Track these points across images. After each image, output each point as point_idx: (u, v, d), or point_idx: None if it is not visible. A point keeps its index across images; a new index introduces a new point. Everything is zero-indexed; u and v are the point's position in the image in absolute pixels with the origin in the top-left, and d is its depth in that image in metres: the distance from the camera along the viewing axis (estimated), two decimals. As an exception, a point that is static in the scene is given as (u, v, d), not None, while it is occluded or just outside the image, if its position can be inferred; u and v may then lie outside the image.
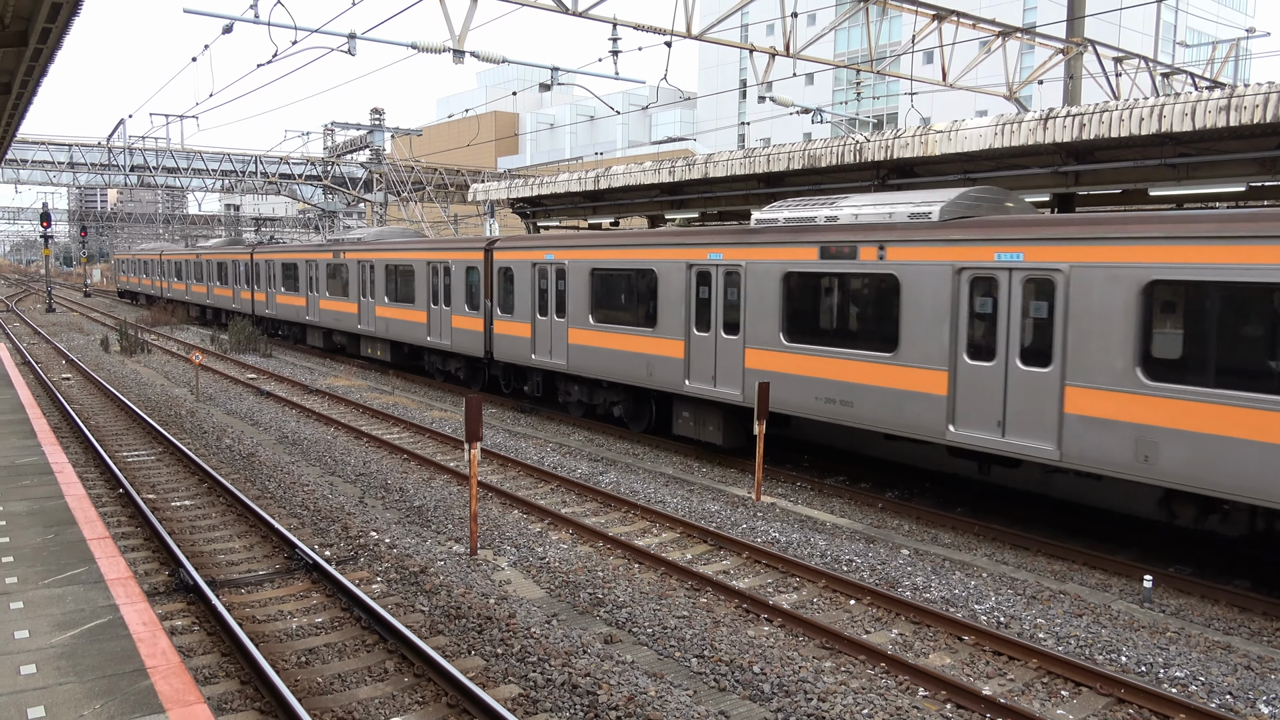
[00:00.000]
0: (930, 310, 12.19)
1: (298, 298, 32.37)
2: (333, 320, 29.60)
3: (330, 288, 29.58)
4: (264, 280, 35.81)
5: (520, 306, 20.09)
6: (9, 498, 9.54)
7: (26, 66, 13.81)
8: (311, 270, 30.91)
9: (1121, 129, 13.40)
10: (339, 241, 29.37)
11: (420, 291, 24.06)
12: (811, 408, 13.90)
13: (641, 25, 15.19)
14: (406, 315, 24.93)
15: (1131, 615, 9.54)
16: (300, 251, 32.24)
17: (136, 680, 5.50)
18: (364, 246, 27.24)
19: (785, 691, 7.76)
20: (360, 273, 27.42)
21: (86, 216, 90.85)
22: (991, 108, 52.73)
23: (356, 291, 27.67)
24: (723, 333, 15.51)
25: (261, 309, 36.66)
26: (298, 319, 32.77)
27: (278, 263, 34.18)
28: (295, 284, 32.51)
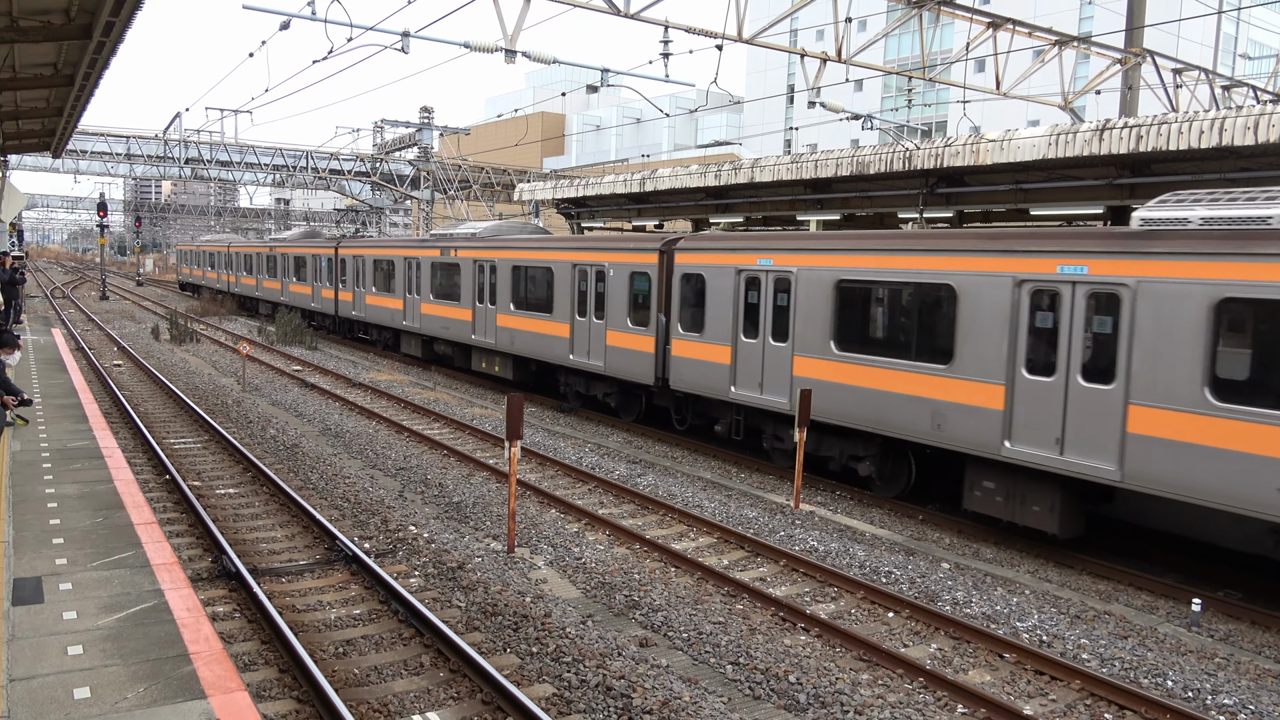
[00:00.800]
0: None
1: (392, 299, 28.87)
2: (438, 328, 25.89)
3: (436, 290, 25.88)
4: (351, 278, 32.18)
5: (715, 324, 15.96)
6: (61, 481, 9.75)
7: (90, 59, 14.13)
8: (411, 269, 27.35)
9: (1180, 142, 13.11)
10: (447, 237, 26.02)
11: (561, 299, 20.13)
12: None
13: (693, 28, 15.17)
14: (540, 327, 21.01)
15: (1179, 639, 9.32)
16: (396, 247, 28.75)
17: (179, 665, 5.58)
18: (482, 243, 23.69)
19: (821, 702, 7.68)
20: (477, 274, 23.74)
21: (141, 207, 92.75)
22: (1044, 118, 51.98)
23: (471, 296, 23.88)
24: (1081, 380, 10.99)
25: (346, 310, 33.04)
26: (392, 324, 29.10)
27: (368, 259, 30.74)
28: (390, 284, 28.99)
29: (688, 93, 79.03)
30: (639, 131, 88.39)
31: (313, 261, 36.21)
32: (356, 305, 32.06)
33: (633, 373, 18.02)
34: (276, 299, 41.27)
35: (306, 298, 37.21)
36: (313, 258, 36.23)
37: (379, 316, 30.26)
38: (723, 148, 67.97)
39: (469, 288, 24.00)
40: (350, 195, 53.55)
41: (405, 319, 28.13)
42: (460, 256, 24.40)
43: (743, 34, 15.56)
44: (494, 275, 22.90)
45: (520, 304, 21.78)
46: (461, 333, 24.56)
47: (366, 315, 31.25)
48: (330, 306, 34.64)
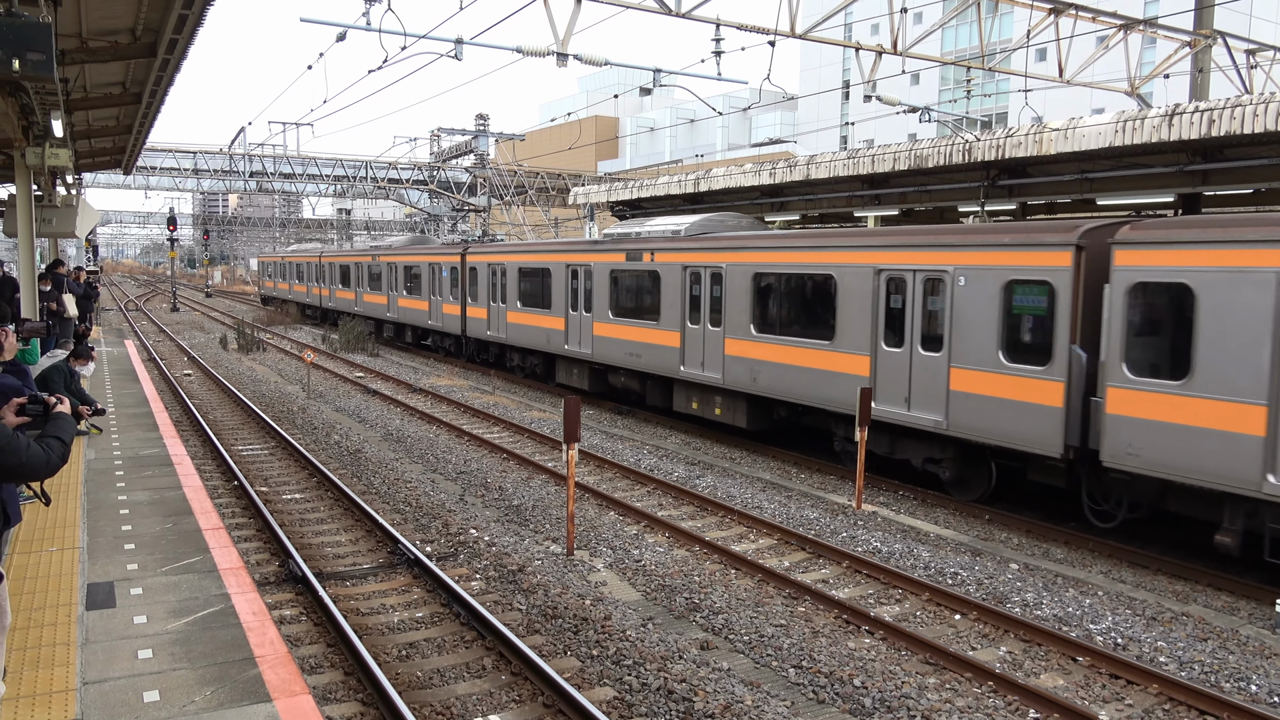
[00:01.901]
0: None
1: (547, 318, 23.30)
2: (620, 355, 20.24)
3: (618, 305, 20.51)
4: (485, 291, 26.82)
5: (1233, 370, 9.95)
6: (132, 487, 10.00)
7: (155, 76, 14.52)
8: (577, 279, 22.00)
9: (1255, 125, 12.61)
10: (633, 237, 20.40)
11: (854, 320, 14.48)
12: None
13: (745, 25, 15.05)
14: (804, 358, 15.40)
15: (1262, 641, 8.95)
16: (554, 251, 23.40)
17: (245, 669, 5.66)
18: (694, 244, 17.99)
19: (887, 707, 7.52)
20: (688, 284, 18.17)
21: (209, 220, 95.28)
22: (1109, 105, 50.60)
23: (678, 314, 18.24)
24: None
25: (478, 330, 27.50)
26: (547, 348, 23.49)
27: (510, 267, 25.14)
28: (544, 298, 23.48)
29: (741, 91, 78.67)
30: (692, 132, 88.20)
31: (430, 272, 30.93)
32: (494, 324, 26.30)
33: (1018, 432, 12.18)
34: (380, 316, 36.39)
35: (421, 314, 31.95)
36: (430, 267, 30.95)
37: (526, 339, 24.40)
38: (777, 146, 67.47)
39: (674, 303, 18.44)
40: (409, 204, 54.32)
41: (568, 342, 22.34)
42: (660, 262, 18.82)
43: (795, 29, 15.38)
44: (719, 286, 17.31)
45: (767, 325, 16.37)
46: (662, 362, 18.86)
47: (508, 337, 25.42)
48: (455, 325, 29.12)
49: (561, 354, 22.99)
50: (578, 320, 22.12)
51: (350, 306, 40.42)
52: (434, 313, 31.04)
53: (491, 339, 26.80)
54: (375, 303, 37.06)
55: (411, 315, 33.21)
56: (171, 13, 11.04)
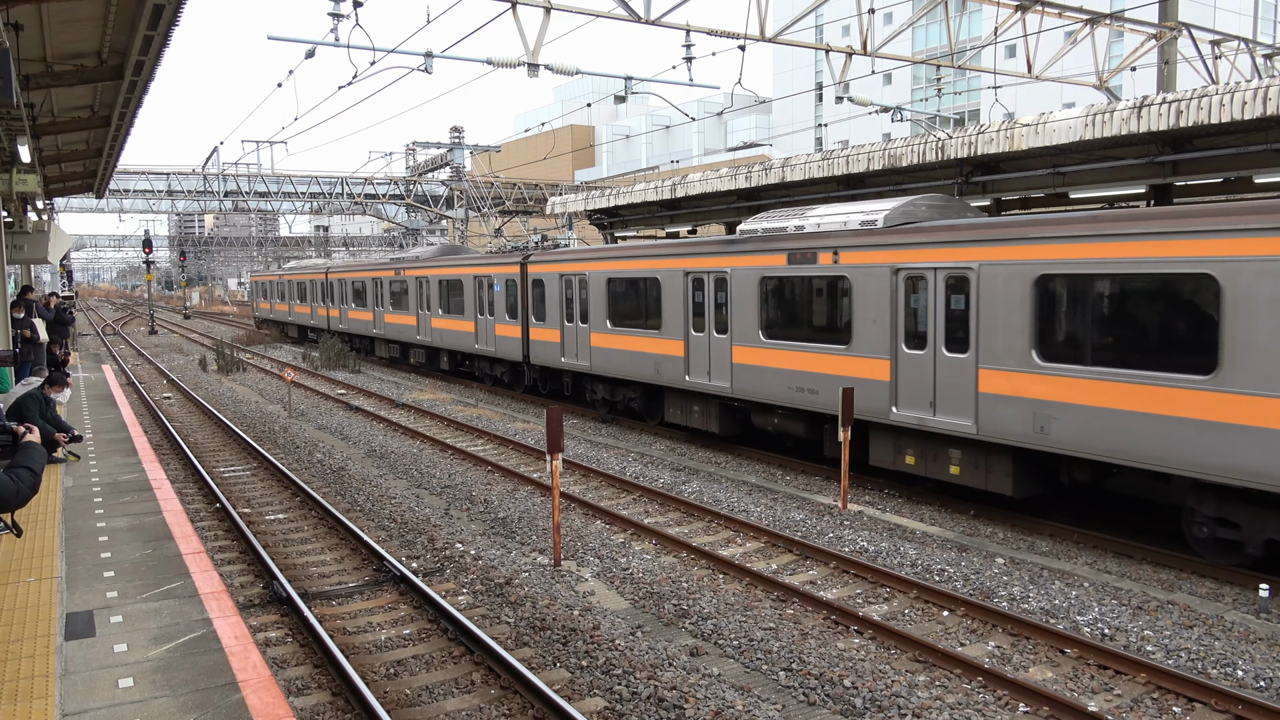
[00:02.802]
0: None
1: (657, 341, 18.30)
2: (789, 390, 15.30)
3: (776, 324, 15.62)
4: (555, 308, 21.86)
5: None
6: (111, 514, 9.90)
7: (124, 98, 14.42)
8: (700, 289, 17.21)
9: (1222, 114, 12.75)
10: (795, 233, 15.29)
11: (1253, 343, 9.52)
12: None
13: (715, 30, 15.10)
14: (1150, 400, 10.40)
15: (1247, 626, 9.00)
16: (664, 256, 18.20)
17: (228, 694, 5.60)
18: (915, 237, 13.15)
19: (878, 706, 7.51)
20: (905, 296, 13.33)
21: (185, 242, 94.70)
22: (1079, 99, 51.09)
23: (888, 336, 13.54)
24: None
25: (547, 355, 22.33)
26: (659, 378, 18.42)
27: (593, 278, 20.31)
28: (646, 315, 18.73)
29: (715, 96, 78.93)
30: (668, 138, 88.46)
31: (475, 287, 25.87)
32: (571, 348, 21.32)
33: None
34: (408, 339, 31.23)
35: (463, 337, 26.92)
36: (475, 281, 25.90)
37: (622, 367, 19.54)
38: (753, 149, 67.75)
39: (875, 319, 13.67)
40: (387, 218, 54.18)
41: (690, 372, 17.39)
42: (852, 264, 13.96)
43: (765, 33, 15.45)
44: (966, 295, 12.42)
45: (1070, 353, 11.27)
46: (867, 400, 13.79)
47: (593, 364, 20.49)
48: (512, 349, 24.04)
49: (678, 386, 17.93)
50: (704, 344, 17.03)
51: (366, 329, 35.28)
52: (483, 335, 25.55)
53: (569, 367, 21.42)
54: (400, 324, 31.67)
55: (451, 338, 27.67)
56: (137, 34, 10.96)
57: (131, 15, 10.66)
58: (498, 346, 24.91)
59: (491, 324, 25.14)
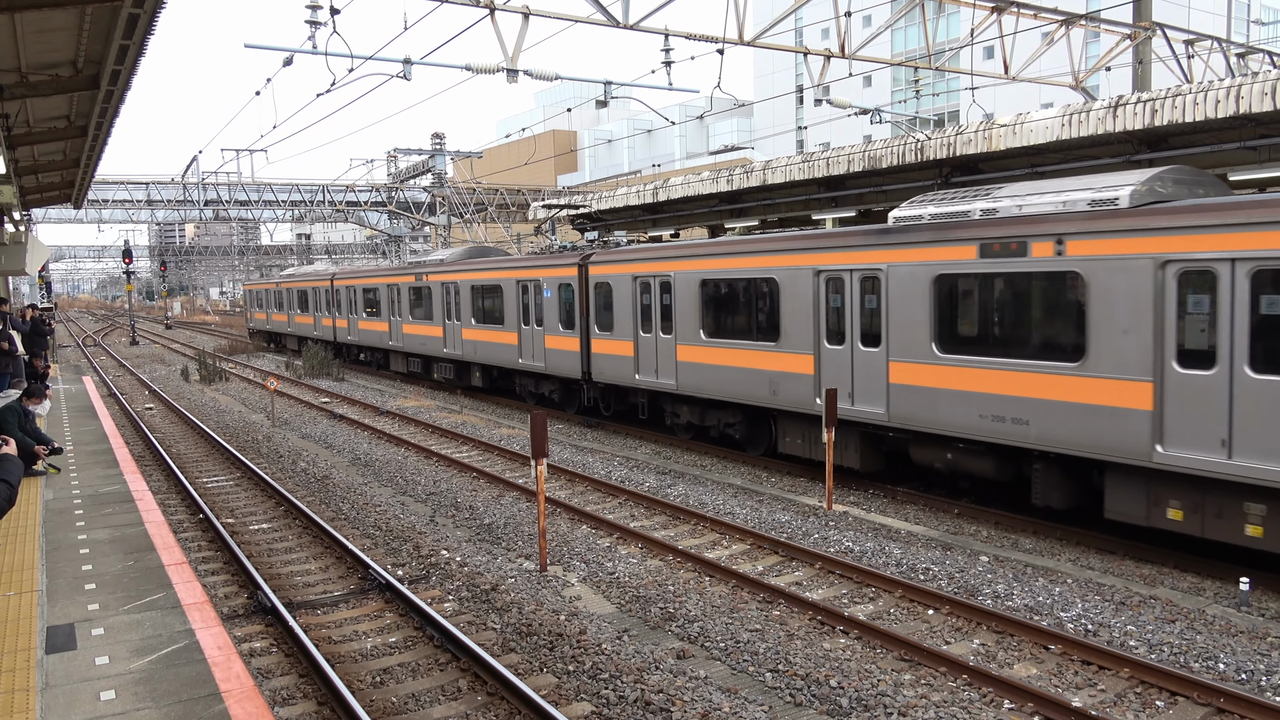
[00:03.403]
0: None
1: (776, 356, 15.20)
2: (923, 409, 12.87)
3: (907, 326, 12.99)
4: (630, 316, 18.63)
5: None
6: (92, 526, 9.82)
7: (100, 108, 14.33)
8: (838, 291, 14.08)
9: (1196, 113, 12.90)
10: (1003, 217, 11.91)
11: None
12: None
13: (694, 34, 15.14)
14: None
15: (1228, 620, 9.08)
16: (788, 251, 14.88)
17: (211, 705, 5.56)
18: (1203, 217, 9.84)
19: (864, 706, 7.54)
20: (1176, 301, 10.17)
21: (166, 251, 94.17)
22: (1057, 99, 51.48)
23: (1131, 348, 10.52)
24: None
25: (617, 372, 19.25)
26: (769, 399, 15.45)
27: (683, 280, 17.05)
28: (757, 325, 15.61)
29: (696, 100, 79.12)
30: (650, 142, 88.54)
31: (516, 293, 22.64)
32: (649, 363, 18.19)
33: None
34: (432, 352, 27.98)
35: (504, 351, 23.50)
36: (519, 286, 22.51)
37: (719, 385, 16.46)
38: (735, 153, 67.92)
39: (1128, 327, 10.54)
40: (369, 225, 54.02)
41: (856, 396, 13.86)
42: (1080, 257, 10.97)
43: (744, 36, 15.51)
44: None
45: None
46: (1116, 435, 10.71)
47: (677, 382, 17.40)
48: (567, 365, 20.84)
49: (803, 410, 14.81)
50: (841, 359, 13.95)
51: (380, 340, 32.21)
52: (529, 348, 22.32)
53: (646, 386, 18.37)
54: (423, 335, 28.41)
55: (488, 352, 24.48)
56: (112, 44, 10.90)
57: (107, 25, 10.60)
58: (548, 361, 21.50)
59: (539, 335, 21.71)
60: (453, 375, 27.33)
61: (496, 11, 13.65)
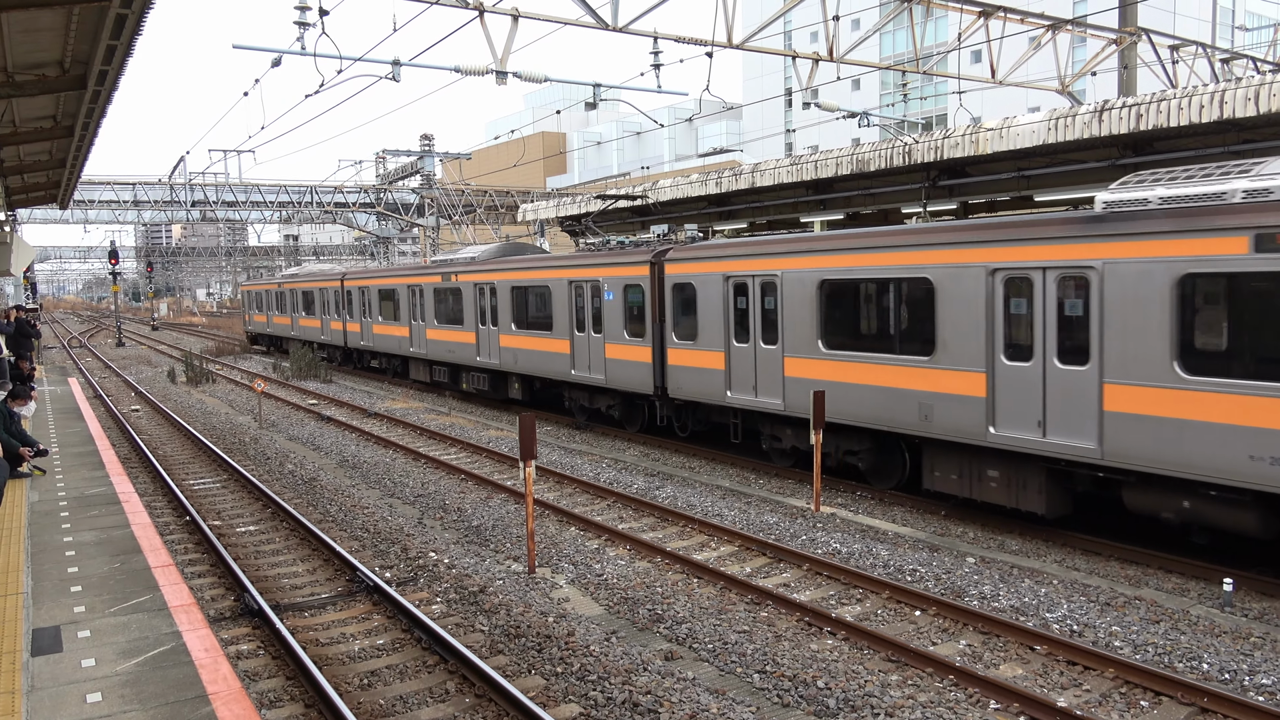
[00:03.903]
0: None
1: (930, 374, 12.69)
2: (1151, 443, 10.31)
3: (1129, 337, 10.45)
4: (720, 323, 16.03)
5: None
6: (79, 528, 9.78)
7: (87, 108, 14.27)
8: (998, 292, 11.85)
9: (1180, 118, 13.01)
10: (1235, 204, 9.59)
11: None
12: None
13: (682, 37, 15.17)
14: None
15: (1212, 620, 9.16)
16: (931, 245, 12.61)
17: (198, 707, 5.55)
18: None
19: (851, 706, 7.57)
20: None
21: (152, 252, 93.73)
22: (1043, 103, 51.80)
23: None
24: None
25: (703, 386, 16.57)
26: (917, 424, 12.94)
27: (794, 280, 14.56)
28: (905, 333, 13.12)
29: (685, 102, 79.23)
30: (639, 144, 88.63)
31: (569, 295, 19.98)
32: (744, 378, 15.68)
33: None
34: (463, 360, 25.21)
35: (553, 361, 20.85)
36: (570, 288, 19.91)
37: (844, 406, 13.89)
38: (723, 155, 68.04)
39: None
40: (357, 227, 53.91)
41: (998, 420, 11.88)
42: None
43: (733, 39, 15.55)
44: None
45: None
46: None
47: (785, 402, 14.98)
48: (637, 378, 18.12)
49: (969, 441, 12.21)
50: (1031, 379, 11.46)
51: (398, 346, 29.60)
52: (584, 358, 19.71)
53: (744, 405, 15.74)
54: (451, 342, 25.82)
55: (532, 361, 21.72)
56: (100, 44, 10.86)
57: (94, 25, 10.56)
58: (609, 373, 18.89)
59: (598, 343, 19.18)
60: (486, 386, 24.62)
61: (486, 13, 13.66)
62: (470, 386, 25.58)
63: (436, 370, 27.61)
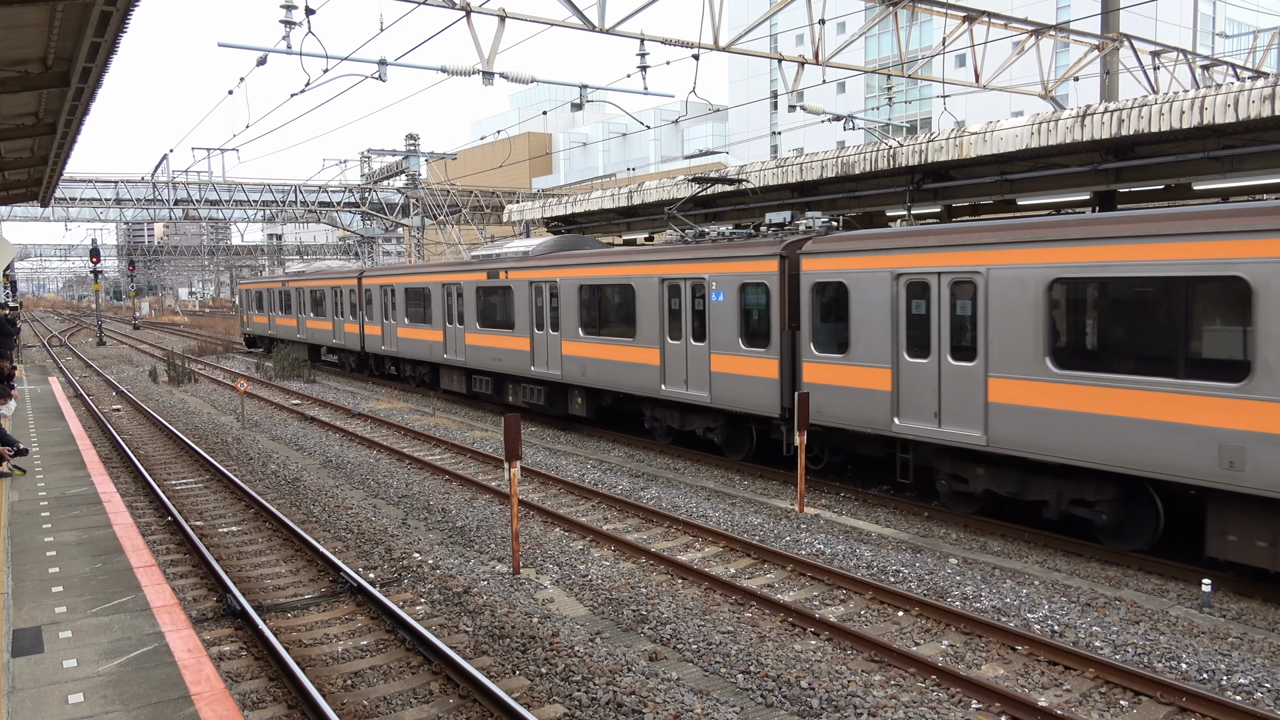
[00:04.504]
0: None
1: (1240, 407, 9.36)
2: None
3: None
4: (879, 333, 13.27)
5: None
6: (60, 528, 9.71)
7: (70, 106, 14.15)
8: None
9: (1161, 123, 13.13)
10: None
11: None
12: None
13: (669, 39, 15.20)
14: None
15: (1191, 621, 9.26)
16: (1239, 231, 9.32)
17: (181, 707, 5.53)
18: None
19: (834, 706, 7.61)
20: None
21: (134, 251, 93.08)
22: (1027, 108, 52.12)
23: None
24: None
25: (859, 410, 13.62)
26: (1192, 469, 9.85)
27: (1003, 278, 11.56)
28: (1177, 347, 10.00)
29: (671, 104, 79.31)
30: (625, 145, 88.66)
31: (661, 297, 17.11)
32: (921, 402, 12.73)
33: None
34: (518, 371, 21.83)
35: (635, 373, 17.85)
36: (665, 287, 17.03)
37: (1098, 443, 10.70)
38: (709, 157, 68.10)
39: None
40: (342, 226, 53.70)
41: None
42: None
43: (719, 42, 15.60)
44: None
45: None
46: None
47: (988, 433, 11.89)
48: (755, 396, 15.30)
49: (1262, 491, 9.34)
50: None
51: (429, 353, 26.15)
52: (678, 370, 16.86)
53: (923, 436, 12.80)
54: (499, 348, 22.38)
55: (606, 373, 18.76)
56: (84, 41, 10.78)
57: (78, 22, 10.48)
58: (715, 390, 16.04)
59: (700, 353, 16.28)
60: (541, 400, 21.35)
61: (473, 14, 13.65)
62: (520, 400, 22.40)
63: (477, 381, 24.18)
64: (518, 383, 22.29)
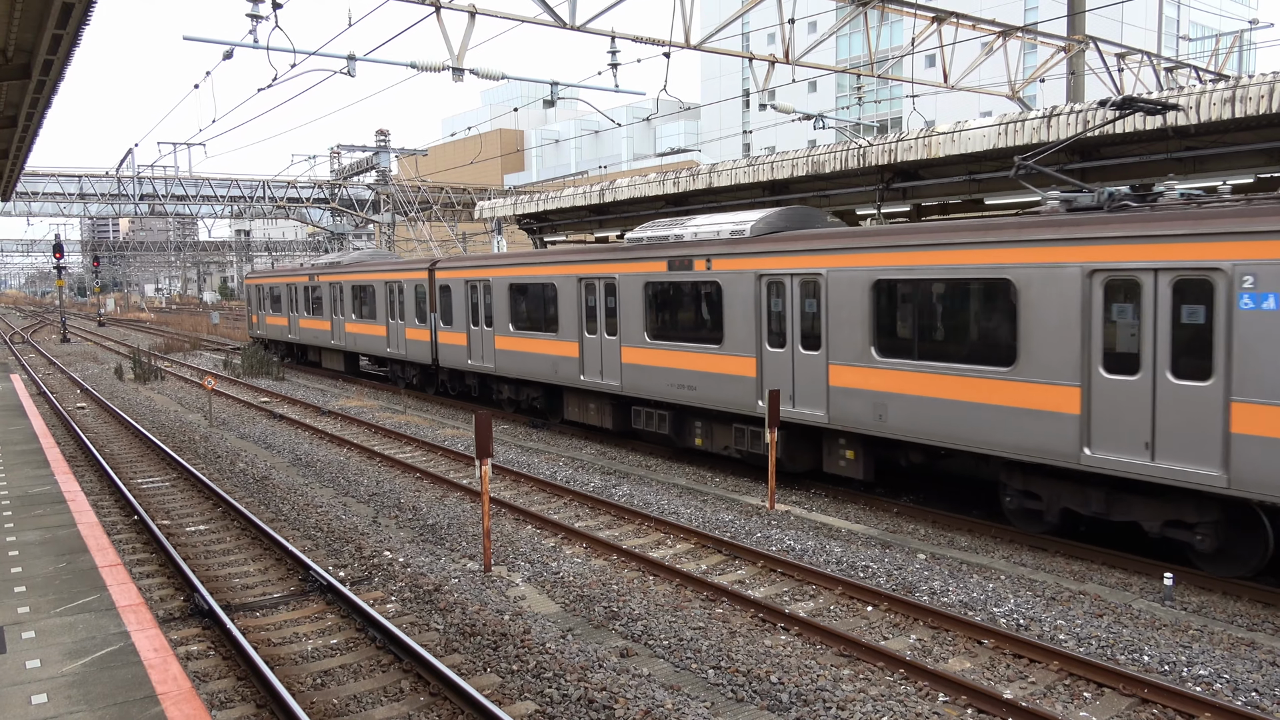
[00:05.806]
0: None
1: None
2: None
3: None
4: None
5: None
6: (22, 527, 9.57)
7: (31, 98, 13.95)
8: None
9: (1126, 125, 13.32)
10: None
11: None
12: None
13: (640, 37, 15.21)
14: None
15: (1153, 614, 9.42)
16: None
17: (147, 707, 5.48)
18: None
19: (804, 701, 7.68)
20: None
21: (99, 247, 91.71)
22: (995, 108, 52.65)
23: None
24: None
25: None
26: None
27: None
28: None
29: (644, 102, 79.31)
30: (597, 143, 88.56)
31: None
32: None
33: None
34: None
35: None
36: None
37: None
38: (681, 155, 68.20)
39: None
40: (311, 223, 53.23)
41: None
42: None
43: (690, 40, 15.63)
44: None
45: None
46: None
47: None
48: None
49: None
50: None
51: (550, 371, 19.43)
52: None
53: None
54: (680, 369, 15.95)
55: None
56: (45, 33, 10.63)
57: (39, 13, 10.33)
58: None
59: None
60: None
61: (443, 9, 13.59)
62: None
63: (641, 415, 17.45)
64: (727, 423, 15.67)
